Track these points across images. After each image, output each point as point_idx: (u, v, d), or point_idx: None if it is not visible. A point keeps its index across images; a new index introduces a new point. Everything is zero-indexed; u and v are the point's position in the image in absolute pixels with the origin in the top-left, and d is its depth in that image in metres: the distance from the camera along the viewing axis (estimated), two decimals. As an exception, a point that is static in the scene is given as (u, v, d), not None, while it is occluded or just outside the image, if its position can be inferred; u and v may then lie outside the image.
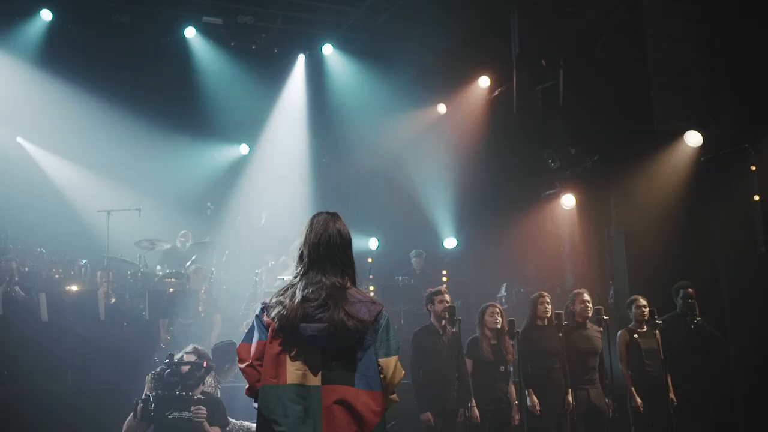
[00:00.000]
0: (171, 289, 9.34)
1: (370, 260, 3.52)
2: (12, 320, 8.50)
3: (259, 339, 3.36)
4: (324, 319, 3.27)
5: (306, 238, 3.45)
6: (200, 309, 9.31)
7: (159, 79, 12.60)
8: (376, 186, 12.77)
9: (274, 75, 13.46)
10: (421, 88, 12.65)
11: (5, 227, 10.55)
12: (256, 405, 3.34)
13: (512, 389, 7.32)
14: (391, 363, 3.37)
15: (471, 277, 11.56)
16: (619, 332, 7.81)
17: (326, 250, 3.40)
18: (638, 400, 7.46)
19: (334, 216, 3.53)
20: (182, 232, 11.39)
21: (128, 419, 5.54)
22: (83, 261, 10.35)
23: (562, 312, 7.40)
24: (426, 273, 11.46)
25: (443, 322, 7.14)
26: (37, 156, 12.62)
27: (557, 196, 10.73)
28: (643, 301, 7.79)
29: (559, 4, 10.25)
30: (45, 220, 11.28)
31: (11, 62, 11.75)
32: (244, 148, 14.04)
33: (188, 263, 10.41)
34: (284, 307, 3.30)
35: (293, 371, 3.26)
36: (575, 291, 7.81)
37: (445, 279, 11.48)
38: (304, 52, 13.69)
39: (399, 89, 12.63)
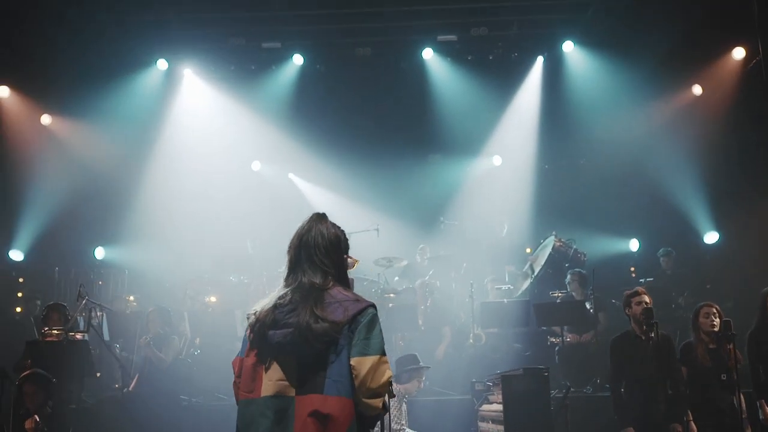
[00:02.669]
0: (390, 305, 9.54)
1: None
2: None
3: (239, 354, 3.27)
4: (290, 323, 3.10)
5: (291, 242, 3.34)
6: (420, 322, 9.40)
7: (401, 102, 13.14)
8: (625, 183, 11.84)
9: (513, 81, 13.21)
10: (670, 71, 11.54)
11: (266, 254, 11.59)
12: None
13: (740, 400, 6.32)
14: (365, 363, 3.05)
15: (737, 275, 10.12)
16: None
17: (306, 252, 3.26)
18: None
19: (321, 217, 3.39)
20: (420, 246, 11.61)
21: None
22: (331, 283, 10.99)
23: (794, 308, 6.23)
24: (678, 273, 10.31)
25: (644, 326, 6.41)
26: (303, 188, 13.92)
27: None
28: None
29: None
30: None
31: (275, 107, 13.06)
32: (497, 160, 13.96)
33: (426, 277, 10.58)
34: (256, 314, 3.20)
35: (267, 382, 3.11)
36: (822, 282, 6.55)
37: None
38: (542, 54, 13.26)
39: (645, 76, 11.63)
